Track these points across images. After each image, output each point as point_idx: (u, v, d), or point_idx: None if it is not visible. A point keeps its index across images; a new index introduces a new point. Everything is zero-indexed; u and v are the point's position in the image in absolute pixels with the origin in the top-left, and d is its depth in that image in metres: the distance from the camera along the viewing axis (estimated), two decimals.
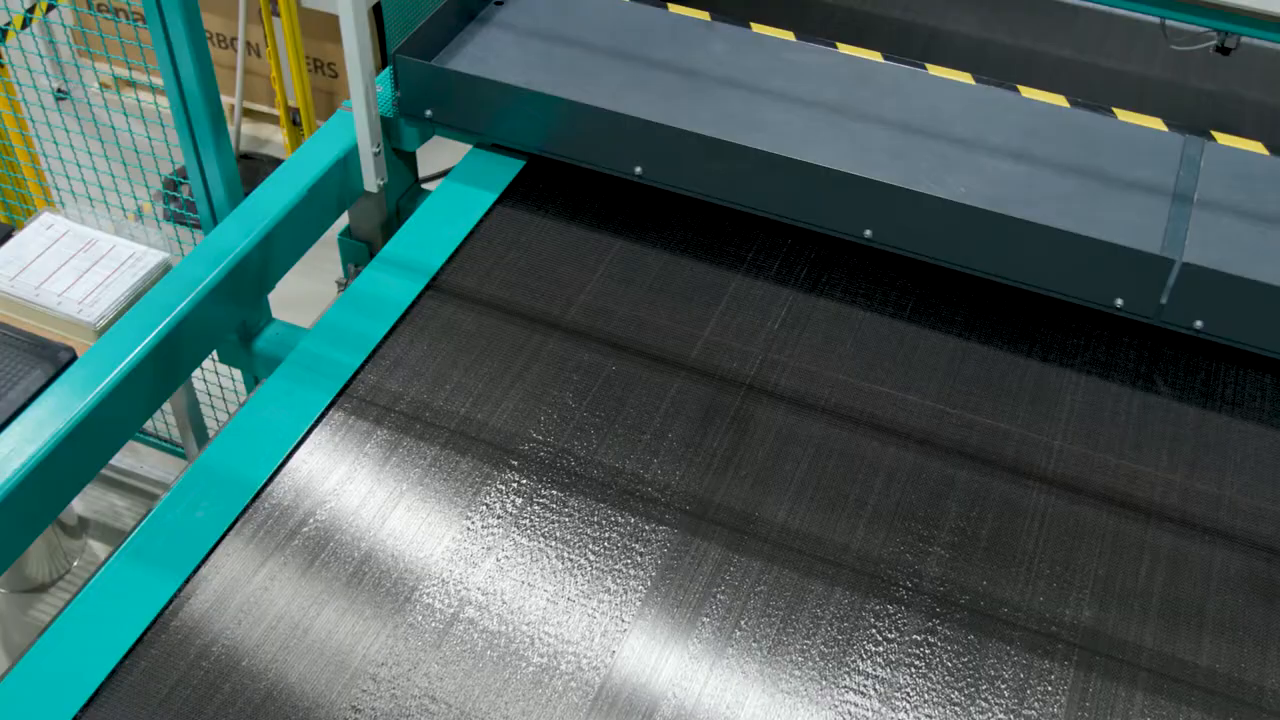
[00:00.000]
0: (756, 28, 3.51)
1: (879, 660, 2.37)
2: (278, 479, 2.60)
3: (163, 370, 2.84)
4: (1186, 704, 2.34)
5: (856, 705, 2.30)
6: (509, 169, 3.33)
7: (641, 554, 2.50)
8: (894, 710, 2.30)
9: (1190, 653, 2.41)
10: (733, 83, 3.31)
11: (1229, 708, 2.34)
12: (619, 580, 2.46)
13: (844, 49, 3.44)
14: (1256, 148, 3.25)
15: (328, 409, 2.74)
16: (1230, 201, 3.07)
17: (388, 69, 3.34)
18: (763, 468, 2.67)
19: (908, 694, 2.33)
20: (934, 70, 3.39)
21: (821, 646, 2.38)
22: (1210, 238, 2.96)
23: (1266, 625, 2.46)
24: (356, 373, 2.81)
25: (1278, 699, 2.35)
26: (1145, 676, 2.38)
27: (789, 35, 3.48)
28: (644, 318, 2.97)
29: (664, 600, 2.44)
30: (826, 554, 2.53)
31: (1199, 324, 2.85)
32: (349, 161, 3.29)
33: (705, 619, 2.41)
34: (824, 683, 2.33)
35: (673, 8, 3.60)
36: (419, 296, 2.99)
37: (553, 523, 2.55)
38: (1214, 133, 3.28)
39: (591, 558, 2.49)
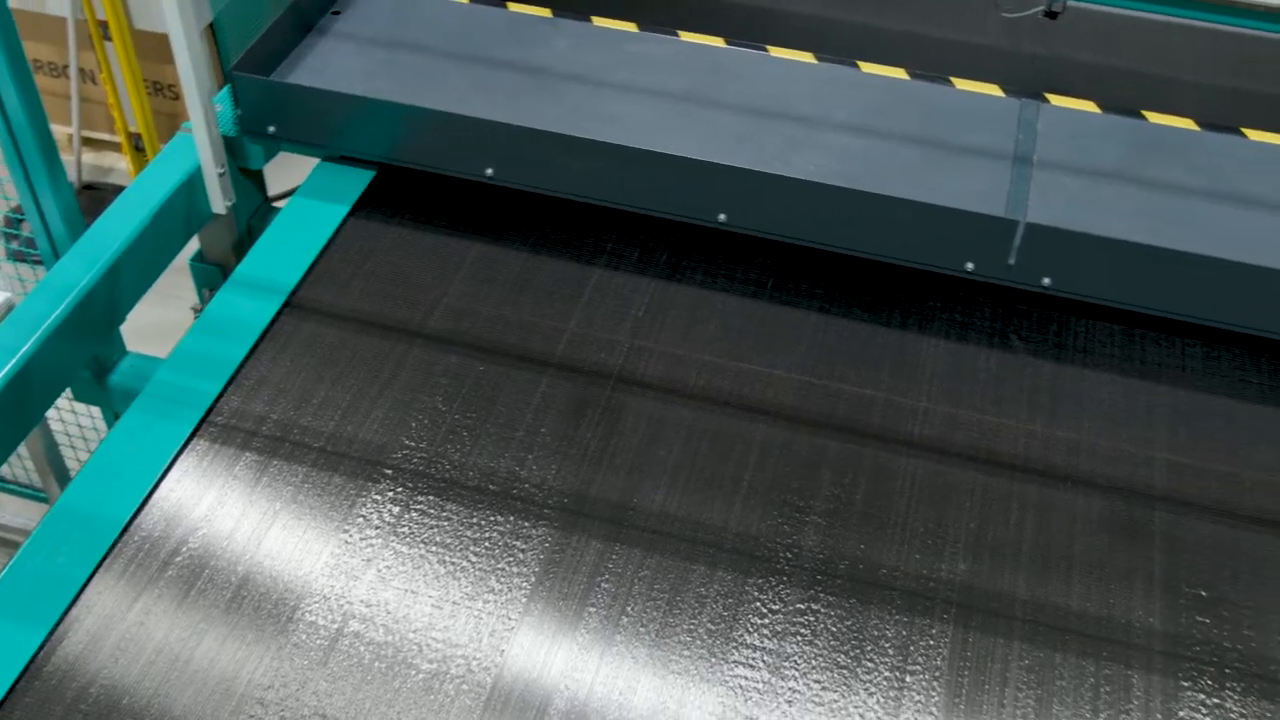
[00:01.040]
0: (598, 21, 3.58)
1: (765, 632, 2.45)
2: (145, 512, 2.58)
3: (13, 414, 2.80)
4: (1061, 648, 2.46)
5: (747, 678, 2.38)
6: (359, 180, 3.35)
7: (523, 551, 2.55)
8: (783, 679, 2.38)
9: (1061, 596, 2.54)
10: (578, 78, 3.37)
11: (1100, 647, 2.47)
12: (503, 579, 2.50)
13: (686, 37, 3.53)
14: (1089, 107, 3.43)
15: (191, 437, 2.72)
16: (1068, 160, 3.23)
17: (227, 87, 3.33)
18: (637, 455, 2.73)
19: (795, 662, 2.41)
20: (776, 52, 3.50)
21: (708, 624, 2.46)
22: (1051, 197, 3.11)
23: (1129, 563, 2.60)
24: (218, 398, 2.80)
25: (1145, 633, 2.49)
26: (1021, 625, 2.50)
27: (631, 27, 3.56)
28: (508, 316, 3.01)
29: (549, 595, 2.49)
30: (706, 534, 2.60)
31: (1047, 281, 3.00)
32: (193, 184, 3.27)
33: (591, 609, 2.47)
34: (713, 660, 2.41)
35: (513, 6, 3.65)
36: (277, 315, 2.99)
37: (432, 528, 2.58)
38: (1048, 95, 3.45)
39: (473, 559, 2.53)
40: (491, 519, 2.60)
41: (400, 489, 2.64)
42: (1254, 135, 3.35)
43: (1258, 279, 2.87)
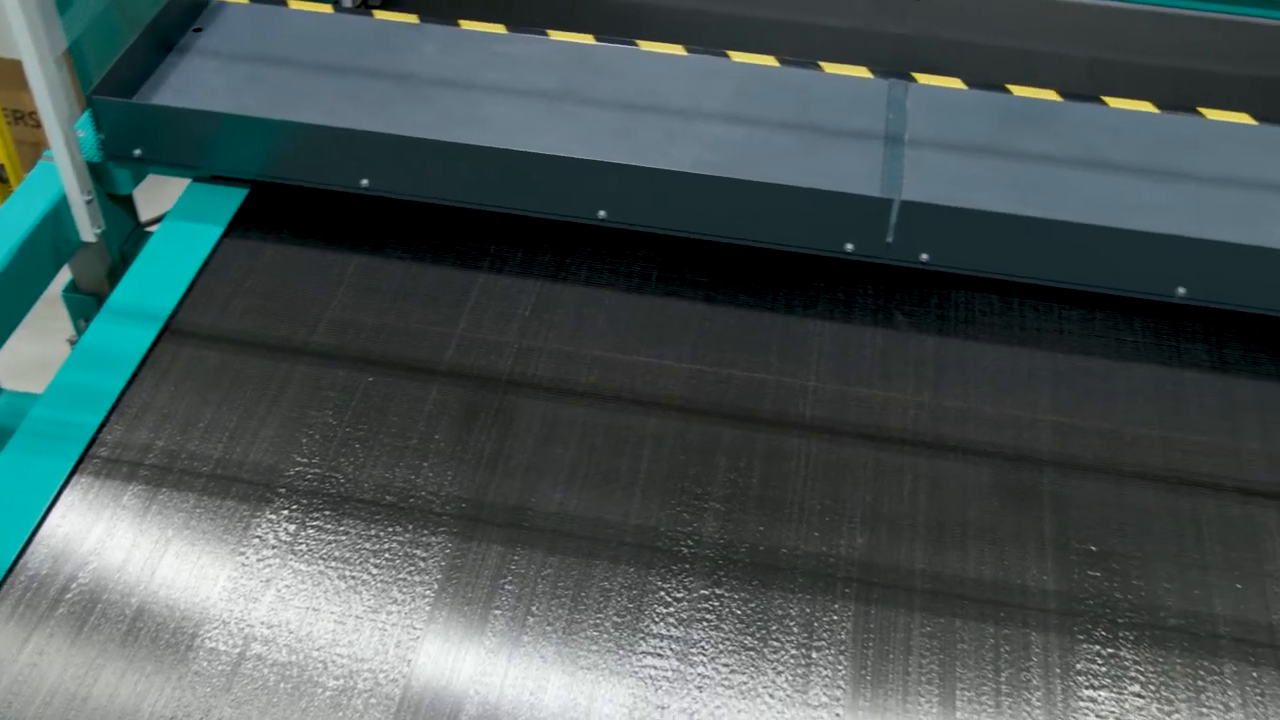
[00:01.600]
0: (465, 24, 3.59)
1: (671, 621, 2.49)
2: (30, 550, 2.54)
3: None
4: (961, 613, 2.54)
5: (656, 668, 2.42)
6: (232, 199, 3.32)
7: (424, 560, 2.56)
8: (692, 666, 2.43)
9: (958, 563, 2.62)
10: (449, 82, 3.38)
11: (998, 609, 2.55)
12: (405, 589, 2.51)
13: (555, 35, 3.56)
14: (955, 83, 3.53)
15: (74, 471, 2.68)
16: (938, 137, 3.33)
17: (88, 111, 3.28)
18: (532, 456, 2.76)
19: (703, 648, 2.46)
20: (646, 46, 3.55)
21: (614, 618, 2.49)
22: (924, 174, 3.20)
23: (1020, 525, 2.69)
24: (100, 429, 2.77)
25: (1040, 594, 2.58)
26: (920, 594, 2.57)
27: (499, 28, 3.58)
28: (394, 325, 3.02)
29: (453, 601, 2.50)
30: (606, 529, 2.64)
31: (925, 256, 3.09)
32: (60, 214, 3.22)
33: (497, 612, 2.49)
34: (621, 652, 2.44)
35: (378, 14, 3.65)
36: (156, 341, 2.96)
37: (330, 544, 2.57)
38: (915, 74, 3.55)
39: (374, 571, 2.53)
40: (390, 530, 2.61)
41: (295, 507, 2.63)
42: (1114, 103, 3.47)
43: (1126, 242, 2.99)
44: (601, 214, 3.13)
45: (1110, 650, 2.49)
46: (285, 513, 2.62)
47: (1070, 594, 2.58)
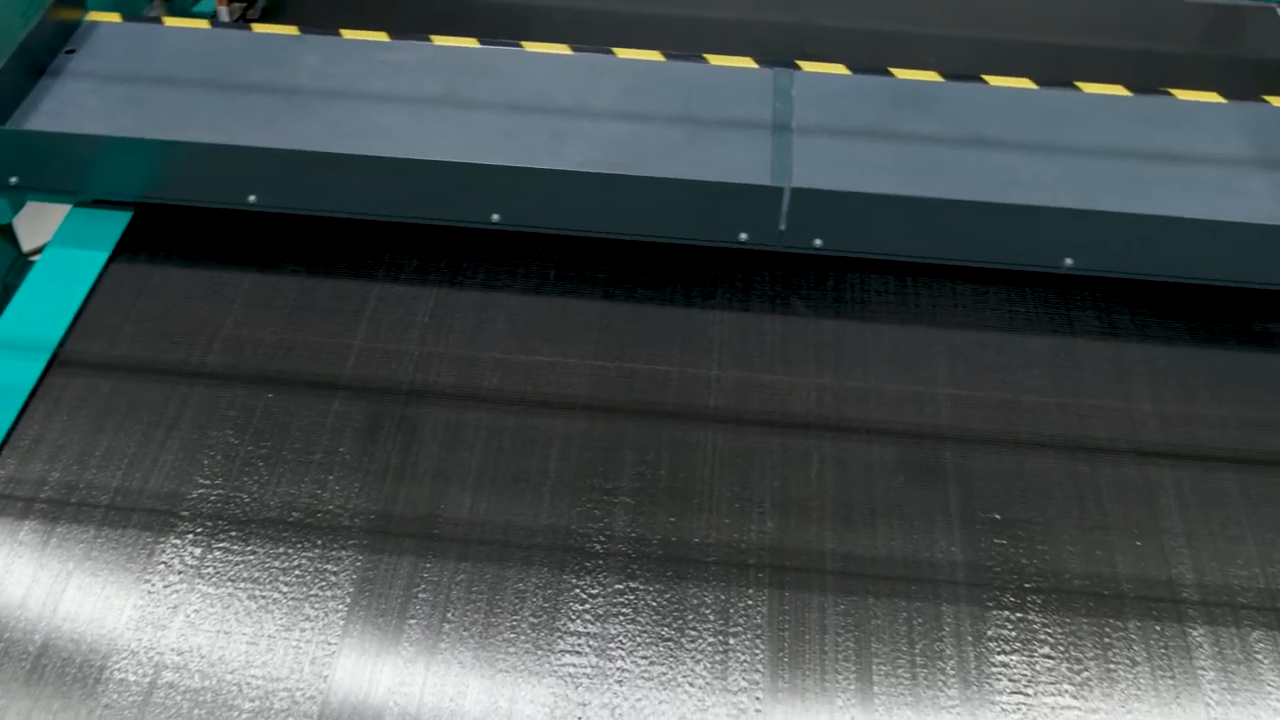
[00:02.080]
0: (347, 34, 3.58)
1: (587, 617, 2.51)
2: None
3: None
4: (873, 590, 2.60)
5: (574, 665, 2.44)
6: (116, 223, 3.27)
7: (335, 574, 2.55)
8: (610, 660, 2.45)
9: (867, 540, 2.67)
10: (334, 93, 3.37)
11: (909, 583, 2.61)
12: (317, 605, 2.50)
13: (439, 41, 3.57)
14: (840, 70, 3.60)
15: None
16: (825, 123, 3.39)
17: None
18: (439, 463, 2.76)
19: (620, 642, 2.48)
20: (531, 47, 3.56)
21: (530, 618, 2.51)
22: (813, 161, 3.26)
23: (926, 499, 2.75)
24: None
25: (949, 566, 2.64)
26: (833, 576, 2.62)
27: (382, 36, 3.58)
28: (292, 340, 3.00)
29: (367, 613, 2.49)
30: (518, 531, 2.65)
31: (818, 242, 3.14)
32: None
33: (412, 621, 2.49)
34: (539, 652, 2.45)
35: (257, 27, 3.62)
36: (45, 372, 2.91)
37: (238, 564, 2.55)
38: (799, 62, 3.61)
39: (285, 589, 2.52)
40: (299, 546, 2.59)
41: (200, 530, 2.61)
42: (993, 81, 3.56)
43: (1013, 217, 3.06)
44: (495, 217, 3.14)
45: (1019, 615, 2.56)
46: (190, 536, 2.60)
47: (978, 563, 2.64)
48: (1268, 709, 2.43)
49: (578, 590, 2.55)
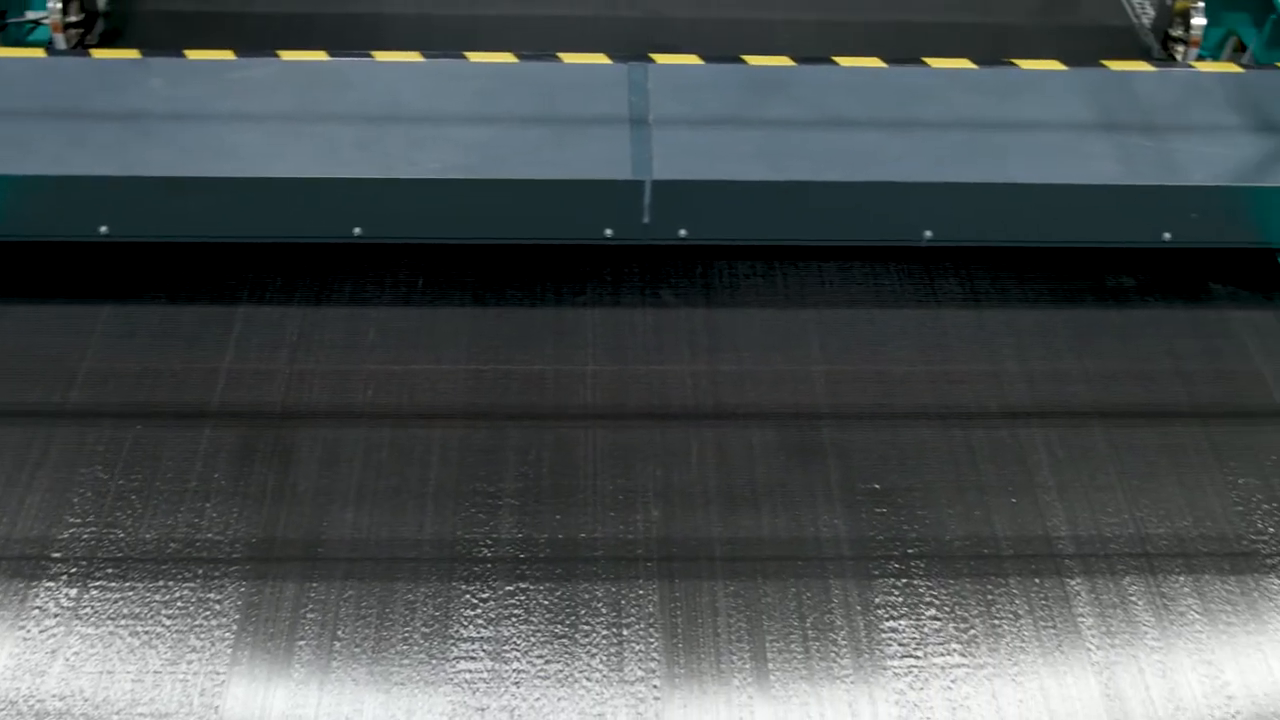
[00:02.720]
0: (192, 54, 3.53)
1: (480, 622, 2.52)
2: None
3: None
4: (761, 571, 2.65)
5: (471, 670, 2.45)
6: None
7: (219, 603, 2.52)
8: (506, 663, 2.47)
9: (752, 521, 2.73)
10: (181, 116, 3.32)
11: (796, 561, 2.67)
12: (203, 636, 2.47)
13: (287, 56, 3.54)
14: (693, 60, 3.65)
15: None
16: (681, 114, 3.43)
17: None
18: (318, 481, 2.74)
19: (515, 643, 2.50)
20: (381, 56, 3.55)
21: (422, 628, 2.51)
22: (672, 152, 3.30)
23: (807, 479, 2.82)
24: None
25: (834, 540, 2.70)
26: (722, 560, 2.67)
27: (228, 54, 3.54)
28: (157, 369, 2.95)
29: (255, 639, 2.47)
30: (403, 542, 2.65)
31: (683, 232, 3.18)
32: None
33: (301, 643, 2.47)
34: (434, 661, 2.46)
35: (96, 53, 3.55)
36: None
37: (116, 602, 2.51)
38: (652, 55, 3.65)
39: (168, 623, 2.49)
40: (179, 578, 2.56)
41: (74, 570, 2.56)
42: (845, 62, 3.65)
43: (872, 194, 3.14)
44: (357, 231, 3.12)
45: (905, 581, 2.63)
46: (64, 578, 2.55)
47: (861, 534, 2.71)
48: (1144, 648, 2.53)
49: (468, 596, 2.56)
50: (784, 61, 3.66)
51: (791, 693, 2.45)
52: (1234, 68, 3.80)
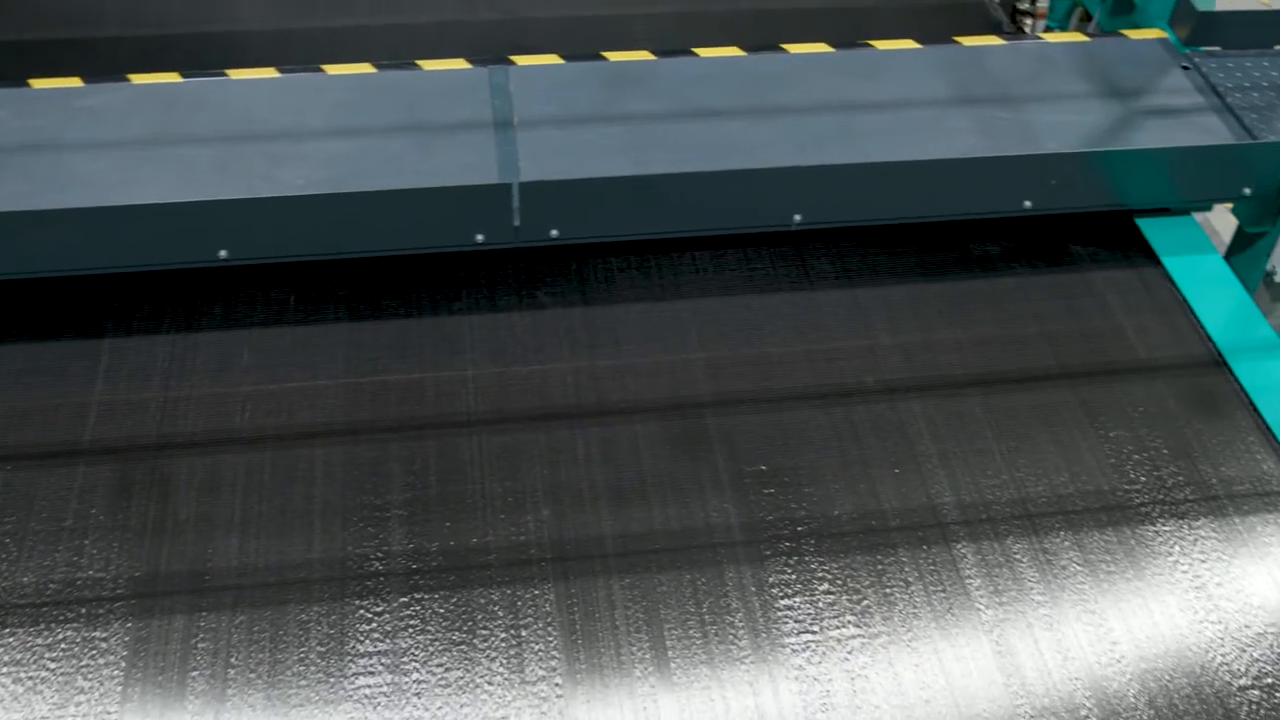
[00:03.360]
0: (37, 84, 3.46)
1: (376, 636, 2.52)
2: None
3: None
4: (655, 563, 2.67)
5: (370, 686, 2.44)
6: None
7: (105, 640, 2.48)
8: (406, 675, 2.46)
9: (643, 514, 2.75)
10: (32, 147, 3.25)
11: (690, 550, 2.70)
12: (90, 676, 2.43)
13: (138, 79, 3.48)
14: (553, 59, 3.68)
15: None
16: (545, 114, 3.45)
17: None
18: (200, 509, 2.71)
19: (414, 654, 2.49)
20: (236, 74, 3.52)
21: (318, 648, 2.49)
22: (538, 153, 3.32)
23: (694, 467, 2.85)
24: None
25: (725, 524, 2.74)
26: (615, 554, 2.69)
27: (75, 82, 3.47)
28: (24, 407, 2.88)
29: (145, 674, 2.43)
30: (292, 563, 2.63)
31: (555, 232, 3.20)
32: None
33: (194, 674, 2.44)
34: (332, 680, 2.44)
35: None
36: None
37: None
38: (512, 57, 3.67)
39: (52, 666, 2.43)
40: (61, 620, 2.51)
41: None
42: (704, 52, 3.70)
43: (740, 182, 3.19)
44: (223, 254, 3.09)
45: (796, 559, 2.68)
46: None
47: (751, 516, 2.75)
48: (1031, 604, 2.62)
49: (362, 611, 2.55)
50: (644, 55, 3.70)
51: (693, 678, 2.48)
52: (1080, 37, 3.94)
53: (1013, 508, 2.80)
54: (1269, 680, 2.51)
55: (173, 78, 3.50)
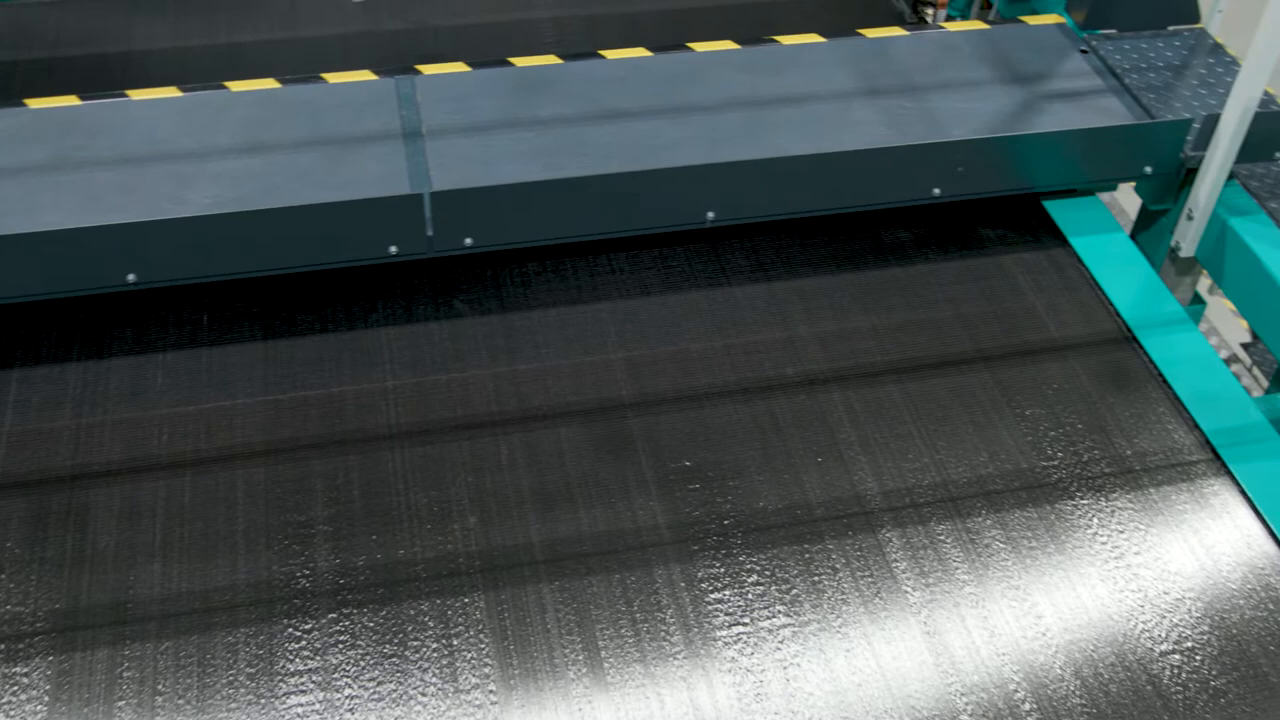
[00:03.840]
0: None
1: (306, 653, 2.50)
2: None
3: None
4: (585, 571, 2.68)
5: (303, 704, 2.43)
6: None
7: (26, 676, 2.44)
8: (338, 691, 2.45)
9: (571, 518, 2.76)
10: None
11: (619, 556, 2.71)
12: (12, 712, 2.38)
13: (35, 104, 3.44)
14: (460, 68, 3.68)
15: None
16: (455, 123, 3.46)
17: None
18: (120, 538, 2.67)
19: (345, 670, 2.49)
20: (136, 95, 3.48)
21: (247, 669, 2.47)
22: (449, 162, 3.32)
23: (619, 469, 2.87)
24: None
25: (651, 529, 2.74)
26: (544, 559, 2.70)
27: None
28: None
29: (69, 708, 2.40)
30: (217, 585, 2.60)
31: (469, 241, 3.20)
32: None
33: (120, 703, 2.41)
34: (262, 700, 2.43)
35: None
36: None
37: None
38: (419, 67, 3.67)
39: None
40: None
41: None
42: (610, 54, 3.73)
43: (652, 182, 3.20)
44: (131, 278, 3.04)
45: (724, 552, 2.71)
46: None
47: (678, 512, 2.78)
48: (956, 584, 2.66)
49: (291, 629, 2.54)
50: (551, 60, 3.72)
51: (627, 677, 2.50)
52: (981, 25, 4.02)
53: (935, 491, 2.85)
54: (1189, 644, 2.57)
55: (70, 100, 3.46)
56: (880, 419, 2.99)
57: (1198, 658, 2.56)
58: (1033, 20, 4.02)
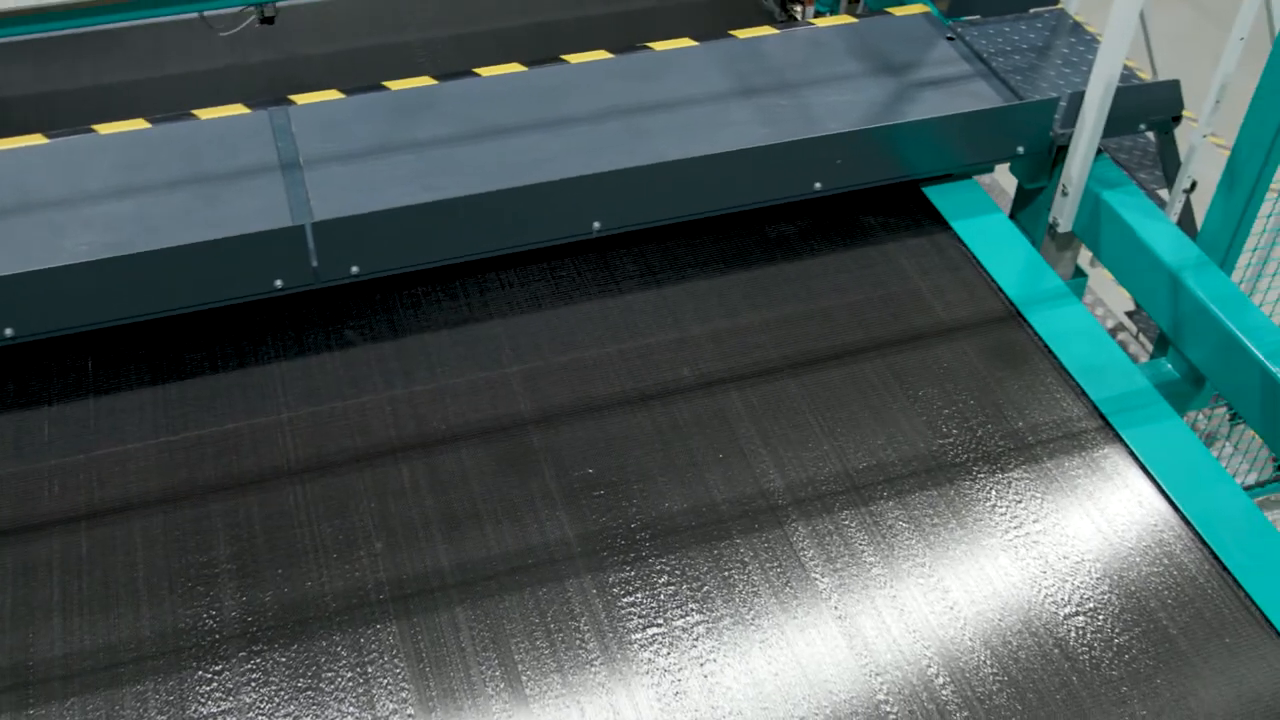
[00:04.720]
0: None
1: (218, 695, 2.49)
2: None
3: None
4: (498, 587, 2.69)
5: None
6: None
7: None
8: None
9: (479, 540, 2.77)
10: None
11: (530, 571, 2.71)
12: None
13: None
14: (334, 95, 3.68)
15: None
16: (332, 151, 3.46)
17: None
18: (16, 598, 2.63)
19: (260, 707, 2.47)
20: (1, 144, 3.43)
21: (157, 716, 2.45)
22: (328, 191, 3.32)
23: (523, 483, 2.88)
24: None
25: (560, 541, 2.76)
26: (454, 580, 2.70)
27: None
28: None
29: None
30: (122, 639, 2.57)
31: (355, 269, 3.20)
32: None
33: None
34: None
35: None
36: None
37: None
38: (292, 97, 3.66)
39: None
40: None
41: None
42: (485, 72, 3.76)
43: (535, 197, 3.23)
44: (9, 332, 3.00)
45: (634, 556, 2.74)
46: None
47: (585, 522, 2.81)
48: (864, 568, 2.73)
49: (201, 672, 2.52)
50: (426, 81, 3.74)
51: (545, 689, 2.52)
52: (849, 19, 4.12)
53: (837, 479, 2.92)
54: (1091, 605, 2.67)
55: None
56: (778, 412, 3.05)
57: (1100, 617, 2.65)
58: (899, 11, 4.13)
